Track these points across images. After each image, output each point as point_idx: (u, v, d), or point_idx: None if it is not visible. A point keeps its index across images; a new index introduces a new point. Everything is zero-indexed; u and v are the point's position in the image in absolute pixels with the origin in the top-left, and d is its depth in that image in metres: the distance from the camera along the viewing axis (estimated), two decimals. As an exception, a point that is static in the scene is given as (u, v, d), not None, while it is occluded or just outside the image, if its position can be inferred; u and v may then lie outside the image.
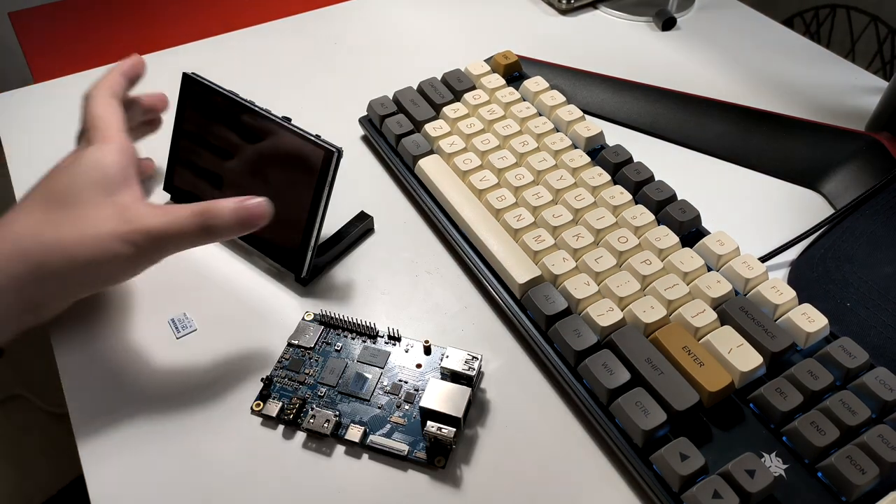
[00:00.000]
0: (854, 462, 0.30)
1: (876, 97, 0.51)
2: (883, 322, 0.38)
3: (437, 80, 0.52)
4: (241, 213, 0.36)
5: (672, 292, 0.37)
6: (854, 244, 0.42)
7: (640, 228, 0.41)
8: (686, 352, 0.34)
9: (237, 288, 0.42)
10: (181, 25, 0.65)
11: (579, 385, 0.35)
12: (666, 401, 0.33)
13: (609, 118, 0.53)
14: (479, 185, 0.43)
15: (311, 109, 0.55)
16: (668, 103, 0.53)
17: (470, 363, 0.35)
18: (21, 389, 1.10)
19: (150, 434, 0.35)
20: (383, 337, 0.38)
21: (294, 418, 0.35)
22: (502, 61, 0.53)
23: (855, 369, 0.34)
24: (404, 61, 0.60)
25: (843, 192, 0.46)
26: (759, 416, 0.34)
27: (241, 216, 0.36)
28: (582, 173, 0.44)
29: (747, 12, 0.66)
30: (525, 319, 0.38)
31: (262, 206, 0.36)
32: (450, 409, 0.33)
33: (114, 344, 0.39)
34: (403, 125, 0.48)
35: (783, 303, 0.37)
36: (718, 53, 0.60)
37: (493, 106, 0.49)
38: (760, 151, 0.49)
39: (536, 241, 0.40)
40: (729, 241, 0.40)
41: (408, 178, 0.46)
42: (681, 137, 0.51)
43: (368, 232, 0.45)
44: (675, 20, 0.63)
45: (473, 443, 0.35)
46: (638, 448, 0.32)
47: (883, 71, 1.04)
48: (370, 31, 0.64)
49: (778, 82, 0.57)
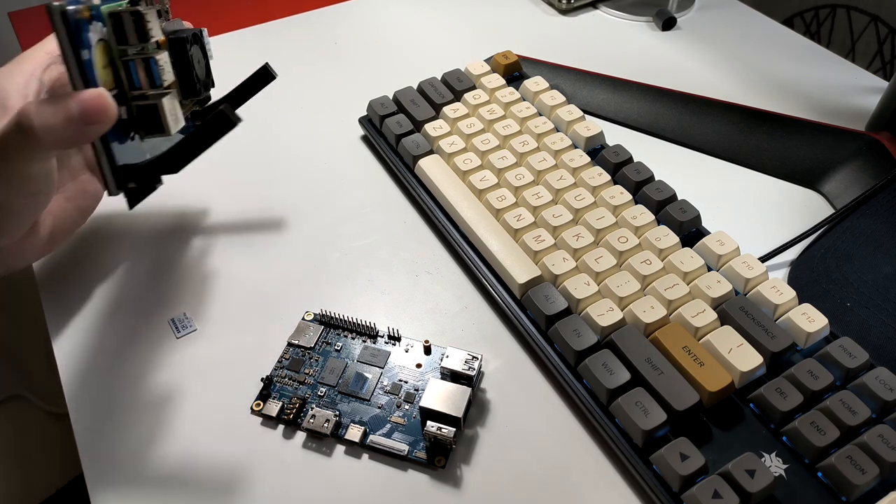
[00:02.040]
0: (854, 462, 0.30)
1: (876, 97, 0.51)
2: (883, 322, 0.38)
3: (437, 79, 0.52)
4: (71, 109, 0.29)
5: (672, 292, 0.37)
6: (854, 244, 0.42)
7: (641, 228, 0.41)
8: (686, 352, 0.34)
9: (237, 287, 0.42)
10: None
11: (579, 385, 0.35)
12: (666, 401, 0.33)
13: (609, 118, 0.53)
14: (479, 185, 0.43)
15: (312, 109, 0.55)
16: (668, 103, 0.53)
17: (470, 363, 0.35)
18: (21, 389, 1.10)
19: (150, 434, 0.35)
20: (383, 337, 0.38)
21: (294, 418, 0.35)
22: (502, 61, 0.53)
23: (855, 369, 0.34)
24: (404, 61, 0.60)
25: (843, 192, 0.46)
26: (759, 416, 0.34)
27: (70, 112, 0.29)
28: (582, 173, 0.44)
29: (747, 12, 0.66)
30: (525, 319, 0.38)
31: (99, 100, 0.29)
32: (450, 409, 0.33)
33: (114, 344, 0.39)
34: (403, 125, 0.48)
35: (783, 303, 0.37)
36: (718, 53, 0.60)
37: (493, 106, 0.49)
38: (760, 151, 0.49)
39: (536, 241, 0.40)
40: (729, 241, 0.40)
41: (408, 178, 0.46)
42: (681, 137, 0.51)
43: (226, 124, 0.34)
44: (675, 20, 0.63)
45: (473, 443, 0.35)
46: (638, 448, 0.32)
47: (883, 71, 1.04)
48: (370, 31, 0.64)
49: (778, 82, 0.57)
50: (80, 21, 0.30)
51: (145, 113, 0.33)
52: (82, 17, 0.30)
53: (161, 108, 0.33)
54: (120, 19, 0.32)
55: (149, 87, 0.33)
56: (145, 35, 0.32)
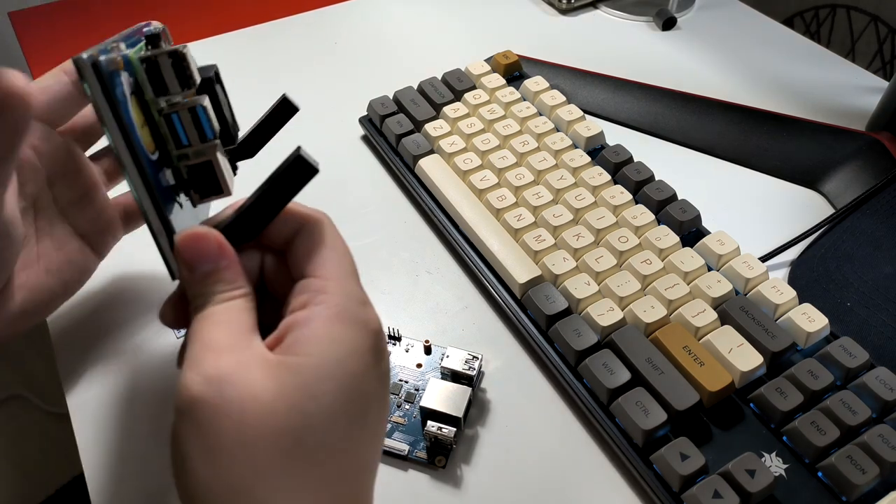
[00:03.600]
0: (854, 462, 0.30)
1: (876, 97, 0.51)
2: (883, 322, 0.38)
3: (438, 79, 0.52)
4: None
5: (672, 292, 0.37)
6: (854, 244, 0.42)
7: (641, 228, 0.41)
8: (686, 351, 0.34)
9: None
10: (181, 25, 0.65)
11: (579, 385, 0.35)
12: (666, 400, 0.33)
13: (609, 118, 0.53)
14: (479, 185, 0.43)
15: (312, 109, 0.55)
16: (668, 103, 0.53)
17: (470, 363, 0.35)
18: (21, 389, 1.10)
19: (150, 434, 0.35)
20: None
21: (294, 418, 0.35)
22: (502, 61, 0.53)
23: (855, 369, 0.34)
24: (404, 61, 0.60)
25: (843, 191, 0.46)
26: (760, 416, 0.34)
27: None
28: (582, 173, 0.44)
29: (747, 12, 0.66)
30: (525, 319, 0.38)
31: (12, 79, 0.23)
32: (450, 408, 0.33)
33: (114, 344, 0.39)
34: (404, 125, 0.48)
35: (783, 302, 0.37)
36: (718, 53, 0.60)
37: (494, 106, 0.49)
38: (761, 151, 0.49)
39: (537, 240, 0.40)
40: (729, 240, 0.40)
41: (408, 177, 0.46)
42: (681, 137, 0.51)
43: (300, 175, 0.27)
44: (675, 20, 0.63)
45: (473, 443, 0.35)
46: (638, 448, 0.32)
47: (883, 71, 1.04)
48: (370, 31, 0.64)
49: (778, 82, 0.57)
50: (113, 73, 0.25)
51: (198, 173, 0.28)
52: (116, 68, 0.25)
53: (216, 163, 0.28)
54: (156, 65, 0.27)
55: (199, 142, 0.28)
56: (188, 80, 0.27)
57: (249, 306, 0.25)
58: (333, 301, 0.25)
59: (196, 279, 0.26)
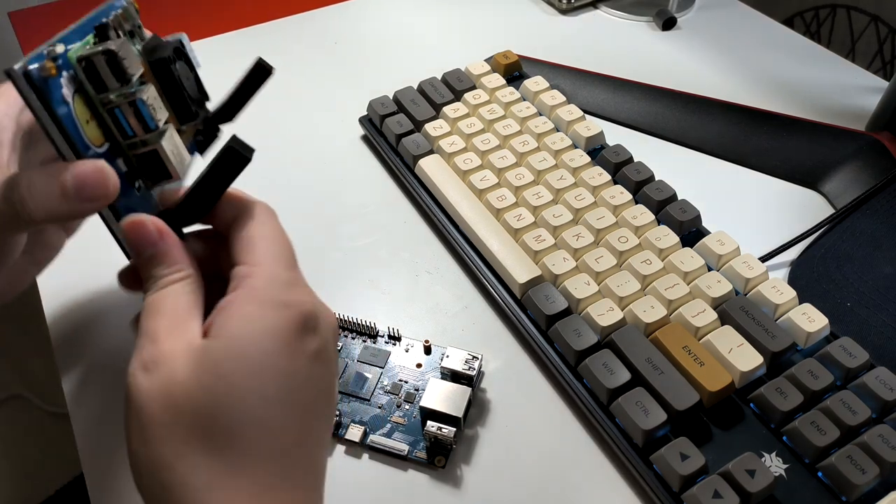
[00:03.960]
0: (854, 462, 0.30)
1: (876, 97, 0.51)
2: (883, 322, 0.38)
3: (438, 79, 0.52)
4: (65, 184, 0.25)
5: (672, 292, 0.37)
6: (854, 244, 0.42)
7: (641, 228, 0.41)
8: (686, 351, 0.34)
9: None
10: (181, 26, 0.65)
11: (579, 385, 0.35)
12: (666, 400, 0.33)
13: (609, 118, 0.53)
14: (479, 185, 0.43)
15: (312, 109, 0.55)
16: (668, 103, 0.53)
17: (470, 363, 0.35)
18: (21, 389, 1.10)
19: (150, 434, 0.35)
20: (383, 336, 0.38)
21: (294, 418, 0.35)
22: (502, 61, 0.53)
23: (855, 369, 0.34)
24: (404, 61, 0.60)
25: (843, 191, 0.46)
26: (760, 416, 0.34)
27: (66, 187, 0.26)
28: (582, 173, 0.44)
29: (747, 12, 0.66)
30: (525, 319, 0.38)
31: (97, 174, 0.26)
32: (450, 408, 0.33)
33: (114, 344, 0.39)
34: (403, 125, 0.48)
35: (783, 302, 0.37)
36: (718, 53, 0.60)
37: (494, 106, 0.49)
38: (761, 151, 0.49)
39: (537, 240, 0.40)
40: (729, 240, 0.40)
41: (408, 177, 0.46)
42: (681, 137, 0.51)
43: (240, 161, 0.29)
44: (675, 20, 0.63)
45: (473, 443, 0.35)
46: (638, 448, 0.32)
47: (883, 71, 1.04)
48: (370, 31, 0.64)
49: (778, 82, 0.57)
50: (47, 80, 0.25)
51: (146, 161, 0.29)
52: (49, 75, 0.25)
53: (162, 152, 0.29)
54: (92, 64, 0.27)
55: (143, 132, 0.29)
56: (124, 75, 0.28)
57: (190, 288, 0.27)
58: (252, 284, 0.26)
59: (142, 263, 0.27)
